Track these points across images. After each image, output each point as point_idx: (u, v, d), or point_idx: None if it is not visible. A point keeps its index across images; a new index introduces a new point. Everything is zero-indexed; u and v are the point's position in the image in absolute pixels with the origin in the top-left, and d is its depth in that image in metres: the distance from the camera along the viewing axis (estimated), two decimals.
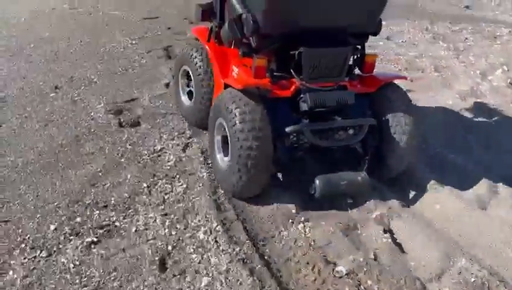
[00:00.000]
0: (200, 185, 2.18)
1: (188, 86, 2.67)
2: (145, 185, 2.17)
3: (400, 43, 4.96)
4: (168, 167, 2.33)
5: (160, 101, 3.07)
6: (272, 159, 1.94)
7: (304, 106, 1.97)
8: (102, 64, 3.70)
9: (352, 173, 2.01)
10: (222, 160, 2.11)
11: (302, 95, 1.97)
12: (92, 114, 2.84)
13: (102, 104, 2.97)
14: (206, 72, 2.39)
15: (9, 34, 4.38)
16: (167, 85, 3.32)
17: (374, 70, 2.19)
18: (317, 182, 1.93)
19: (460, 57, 4.50)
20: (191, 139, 2.61)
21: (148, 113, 2.89)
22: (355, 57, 2.15)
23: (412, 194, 2.26)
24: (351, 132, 2.06)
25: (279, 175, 2.27)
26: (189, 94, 2.67)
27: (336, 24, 1.97)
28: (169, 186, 2.18)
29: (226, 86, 2.11)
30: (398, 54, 4.50)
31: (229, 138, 1.95)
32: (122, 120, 2.79)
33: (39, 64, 3.60)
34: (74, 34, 4.45)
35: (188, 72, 2.57)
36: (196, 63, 2.43)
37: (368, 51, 2.19)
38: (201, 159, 2.39)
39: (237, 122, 1.86)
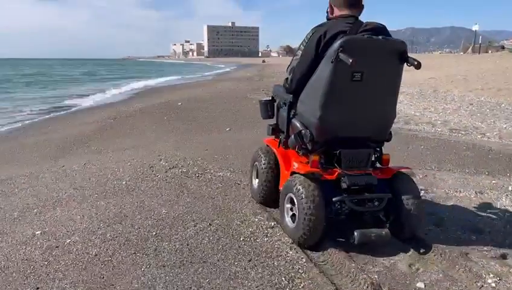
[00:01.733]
0: None
1: (257, 174, 3.83)
2: None
3: None
4: None
5: None
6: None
7: (344, 185, 2.93)
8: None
9: (379, 229, 2.90)
10: (290, 221, 3.07)
11: (342, 178, 2.93)
12: None
13: None
14: (267, 166, 3.60)
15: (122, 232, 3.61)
16: None
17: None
18: (355, 233, 2.84)
19: None
20: None
21: None
22: (376, 155, 3.12)
23: None
24: (376, 203, 2.96)
25: None
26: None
27: (361, 135, 3.03)
28: None
29: (292, 173, 3.11)
30: None
31: (296, 206, 2.92)
32: None
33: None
34: (200, 215, 3.64)
35: (257, 166, 3.76)
36: (262, 161, 3.65)
37: None
38: None
39: (303, 195, 2.84)
